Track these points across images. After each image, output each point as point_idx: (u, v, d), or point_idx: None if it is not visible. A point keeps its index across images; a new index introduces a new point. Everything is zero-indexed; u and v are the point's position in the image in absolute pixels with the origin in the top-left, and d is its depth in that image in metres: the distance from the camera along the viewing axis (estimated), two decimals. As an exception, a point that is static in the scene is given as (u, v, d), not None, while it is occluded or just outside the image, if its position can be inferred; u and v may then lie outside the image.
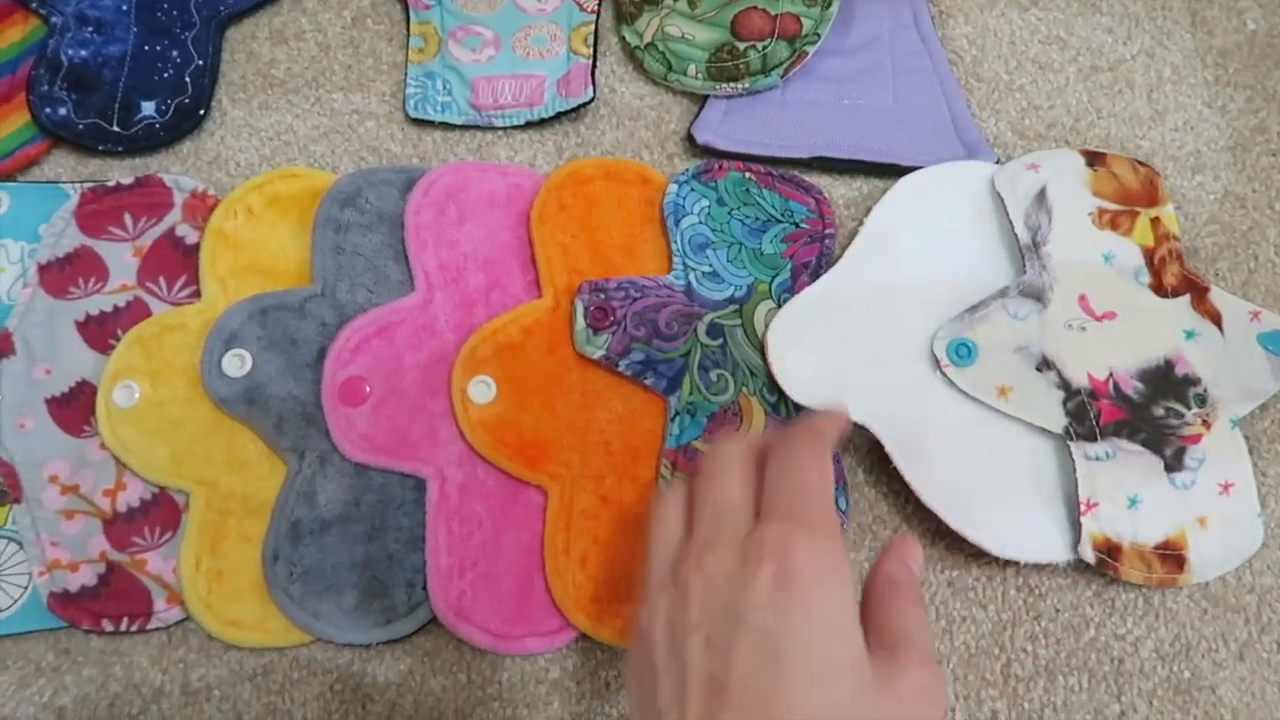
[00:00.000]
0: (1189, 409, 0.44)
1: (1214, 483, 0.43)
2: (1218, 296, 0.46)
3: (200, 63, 0.52)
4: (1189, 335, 0.45)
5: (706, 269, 0.47)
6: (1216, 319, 0.45)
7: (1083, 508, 0.42)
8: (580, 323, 0.45)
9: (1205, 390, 0.44)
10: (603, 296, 0.45)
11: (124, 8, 0.53)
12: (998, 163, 0.50)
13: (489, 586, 0.42)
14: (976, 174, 0.49)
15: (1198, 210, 0.51)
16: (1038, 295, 0.45)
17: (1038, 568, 0.44)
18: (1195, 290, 0.46)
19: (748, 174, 0.49)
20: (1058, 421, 0.43)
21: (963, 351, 0.44)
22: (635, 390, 0.45)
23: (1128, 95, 0.53)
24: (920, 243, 0.47)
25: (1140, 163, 0.49)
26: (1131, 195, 0.48)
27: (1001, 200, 0.47)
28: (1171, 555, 0.42)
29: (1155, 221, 0.47)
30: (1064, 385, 0.44)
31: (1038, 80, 0.54)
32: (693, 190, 0.48)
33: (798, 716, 0.28)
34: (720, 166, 0.49)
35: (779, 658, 0.29)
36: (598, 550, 0.42)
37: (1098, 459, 0.43)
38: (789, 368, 0.44)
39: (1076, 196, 0.47)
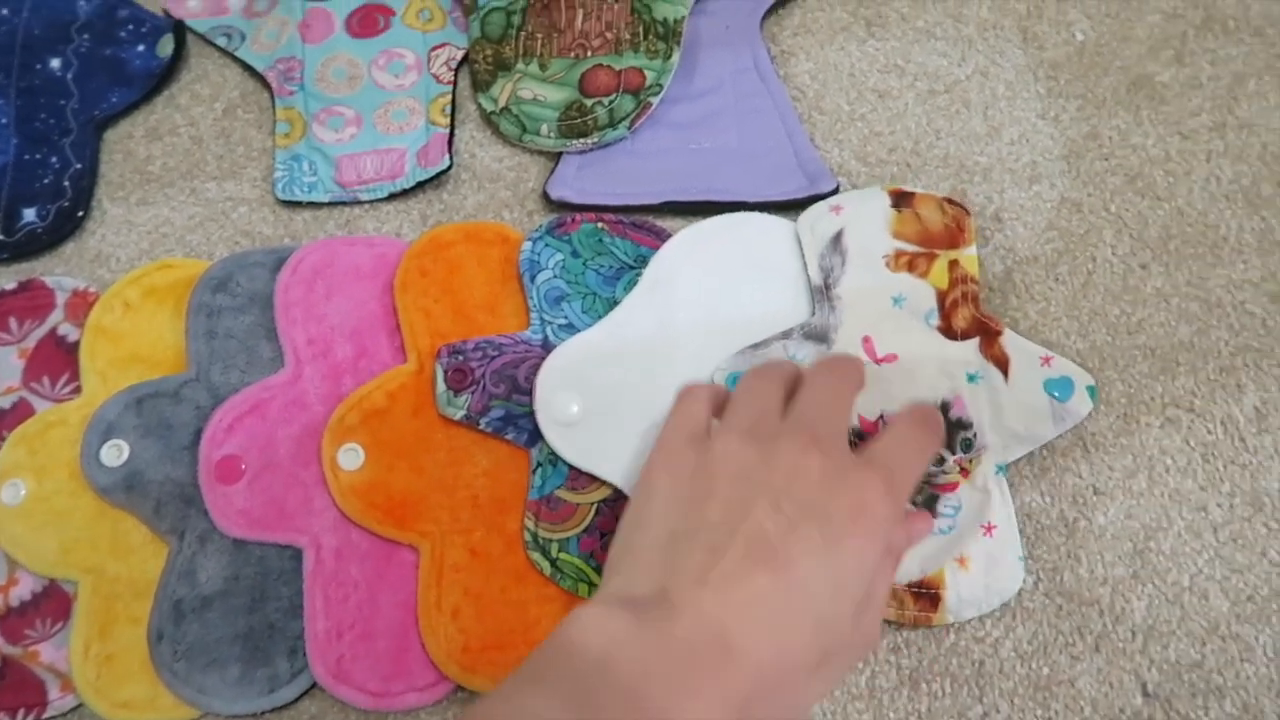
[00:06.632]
0: (954, 454, 0.44)
1: (976, 525, 0.44)
2: (1009, 340, 0.46)
3: (79, 166, 0.55)
4: (971, 378, 0.45)
5: (562, 321, 0.49)
6: (1004, 364, 0.45)
7: None
8: (440, 385, 0.46)
9: (974, 436, 0.45)
10: (460, 358, 0.47)
11: (2, 120, 0.56)
12: (837, 190, 0.52)
13: (367, 646, 0.44)
14: (754, 225, 0.50)
15: (1035, 219, 0.53)
16: (821, 337, 0.46)
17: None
18: (986, 333, 0.46)
19: (600, 224, 0.51)
20: None
21: None
22: (500, 444, 0.47)
23: (965, 115, 0.56)
24: (697, 297, 0.48)
25: (951, 201, 0.49)
26: (932, 238, 0.48)
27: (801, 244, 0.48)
28: (926, 594, 0.43)
29: (953, 264, 0.48)
30: None
31: (878, 108, 0.56)
32: (547, 245, 0.50)
33: (812, 612, 0.33)
34: (573, 220, 0.51)
35: (829, 561, 0.33)
36: (468, 601, 0.44)
37: None
38: (555, 408, 0.45)
39: (874, 239, 0.48)
